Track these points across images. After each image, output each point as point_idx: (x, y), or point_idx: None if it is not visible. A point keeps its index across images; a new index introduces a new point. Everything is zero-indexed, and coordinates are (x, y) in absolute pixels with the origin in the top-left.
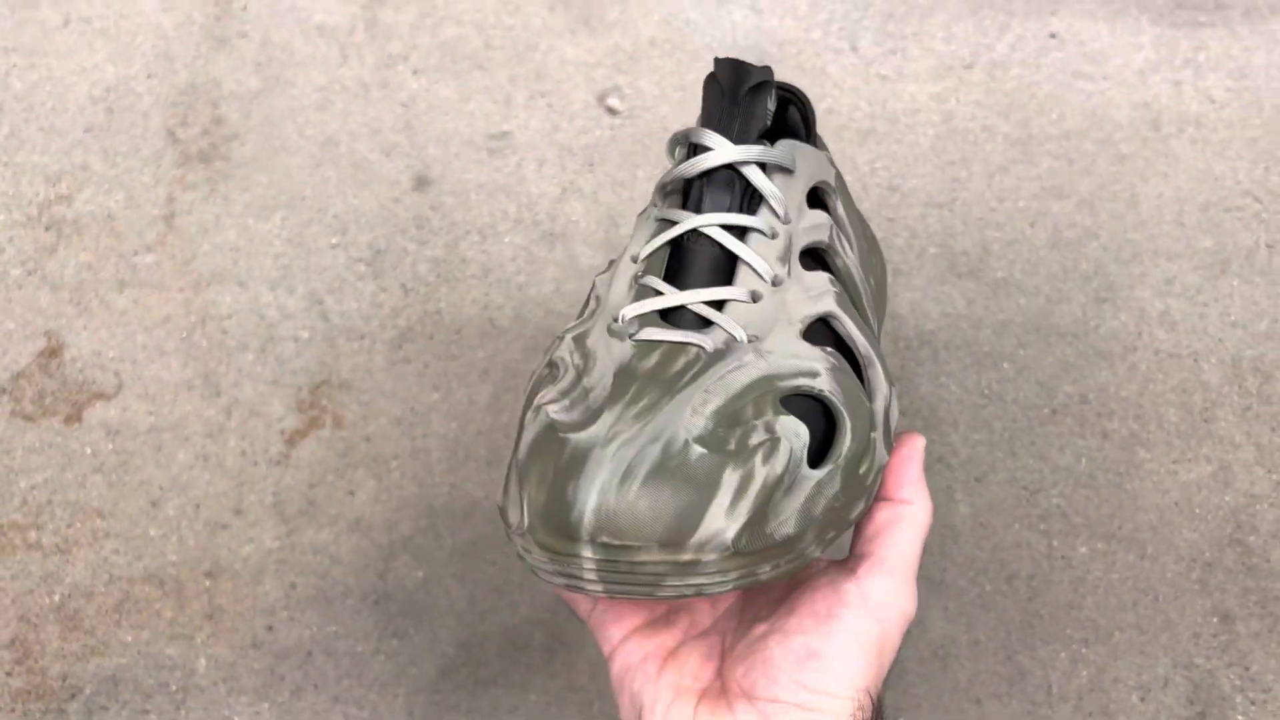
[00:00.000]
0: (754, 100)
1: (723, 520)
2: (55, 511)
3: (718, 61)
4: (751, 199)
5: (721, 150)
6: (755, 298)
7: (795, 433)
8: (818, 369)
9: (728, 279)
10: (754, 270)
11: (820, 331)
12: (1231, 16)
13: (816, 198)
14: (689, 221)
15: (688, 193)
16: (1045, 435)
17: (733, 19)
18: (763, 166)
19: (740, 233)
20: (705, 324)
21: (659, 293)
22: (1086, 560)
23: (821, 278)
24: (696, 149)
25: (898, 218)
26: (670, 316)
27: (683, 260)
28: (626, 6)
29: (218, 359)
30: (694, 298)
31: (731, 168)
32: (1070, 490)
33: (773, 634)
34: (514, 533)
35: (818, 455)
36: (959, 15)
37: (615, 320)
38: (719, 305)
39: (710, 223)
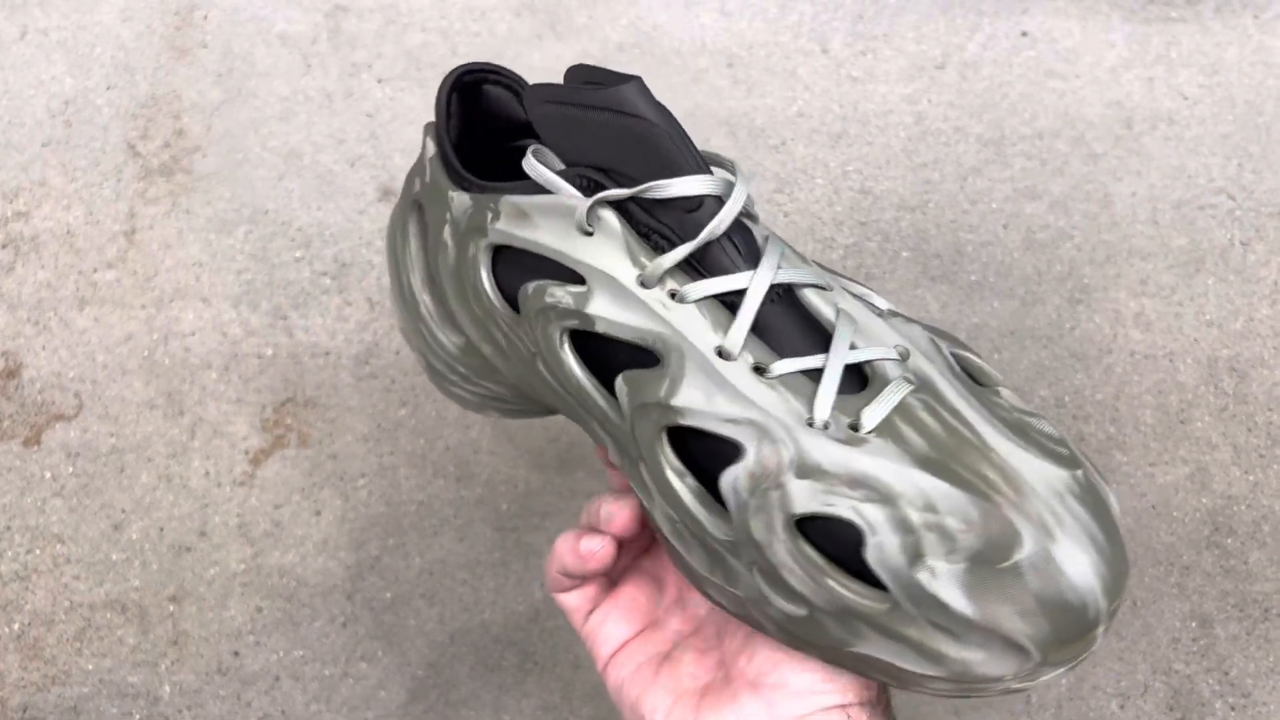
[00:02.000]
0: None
1: None
2: (14, 537)
3: (624, 85)
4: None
5: (738, 192)
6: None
7: None
8: None
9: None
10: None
11: None
12: (1203, 11)
13: None
14: (763, 278)
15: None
16: None
17: (701, 22)
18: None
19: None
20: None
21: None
22: None
23: None
24: (694, 201)
25: (870, 221)
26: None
27: (788, 325)
28: (594, 11)
29: (180, 378)
30: (879, 354)
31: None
32: None
33: None
34: (1006, 684)
35: None
36: (929, 15)
37: (826, 425)
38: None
39: (798, 279)
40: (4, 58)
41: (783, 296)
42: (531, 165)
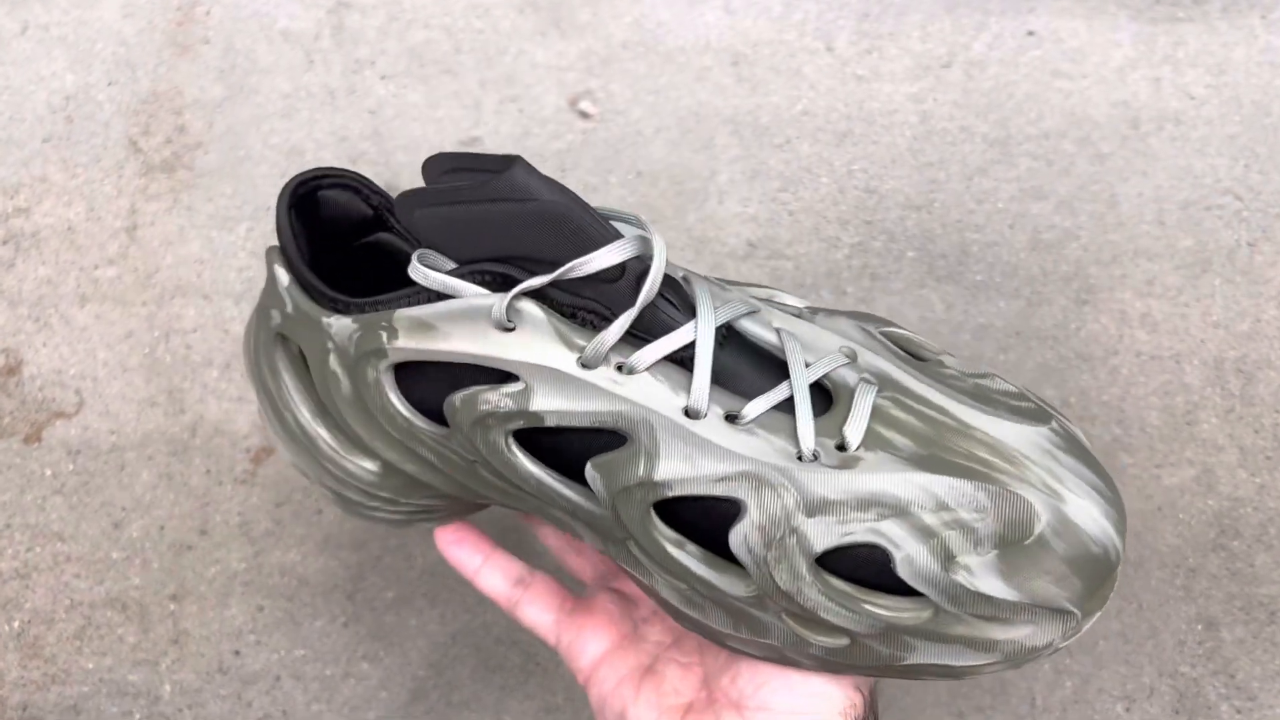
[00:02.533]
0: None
1: None
2: (14, 535)
3: (511, 170)
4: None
5: (658, 247)
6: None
7: None
8: None
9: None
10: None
11: None
12: (1210, 11)
13: None
14: (708, 322)
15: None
16: None
17: (705, 20)
18: None
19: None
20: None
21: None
22: None
23: None
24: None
25: (875, 220)
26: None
27: (740, 364)
28: (598, 9)
29: (182, 375)
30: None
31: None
32: None
33: None
34: (1055, 646)
35: None
36: (935, 14)
37: (815, 455)
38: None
39: (734, 314)
40: (5, 53)
41: (727, 336)
42: (423, 274)
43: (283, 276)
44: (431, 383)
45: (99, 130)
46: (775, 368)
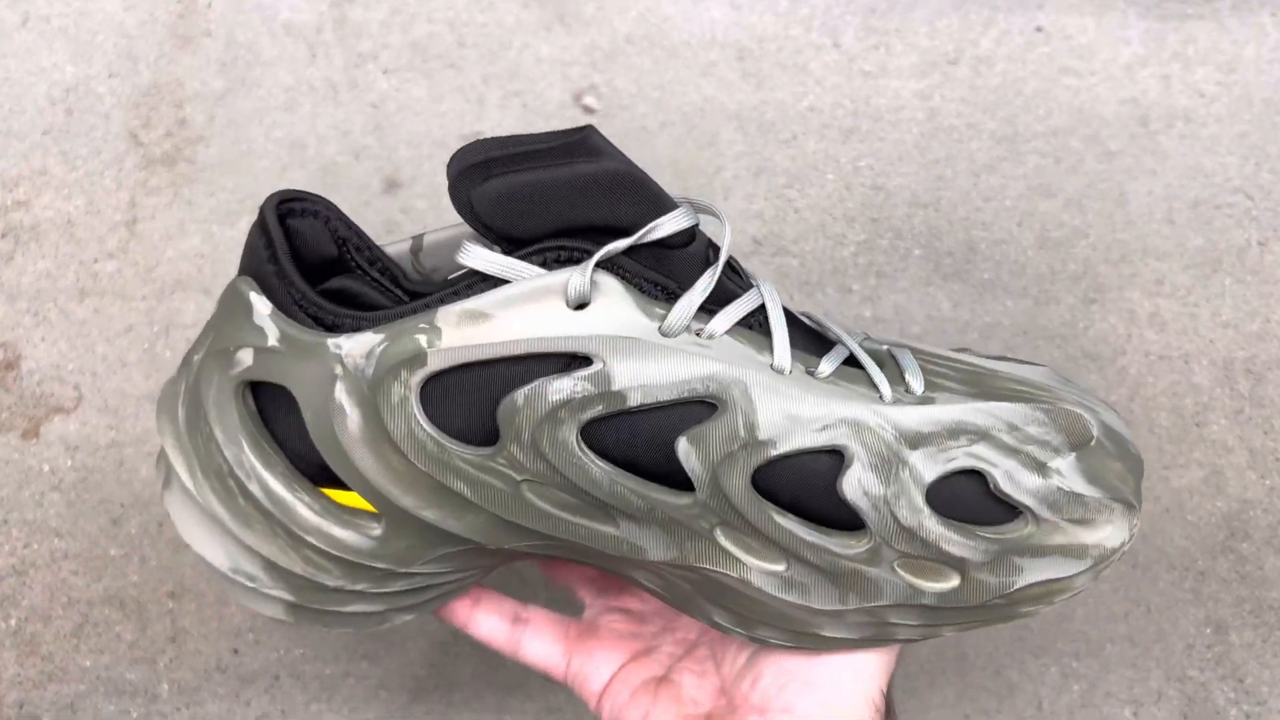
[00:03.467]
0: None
1: None
2: (11, 531)
3: (586, 129)
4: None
5: (723, 216)
6: None
7: None
8: None
9: None
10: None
11: None
12: (1220, 8)
13: None
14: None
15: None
16: None
17: (711, 15)
18: None
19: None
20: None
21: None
22: None
23: None
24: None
25: (881, 218)
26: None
27: (790, 327)
28: (602, 2)
29: None
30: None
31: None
32: None
33: None
34: (1124, 547)
35: None
36: (943, 9)
37: (896, 400)
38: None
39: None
40: (5, 44)
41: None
42: (485, 257)
43: (261, 305)
44: (466, 397)
45: (99, 123)
46: (810, 332)
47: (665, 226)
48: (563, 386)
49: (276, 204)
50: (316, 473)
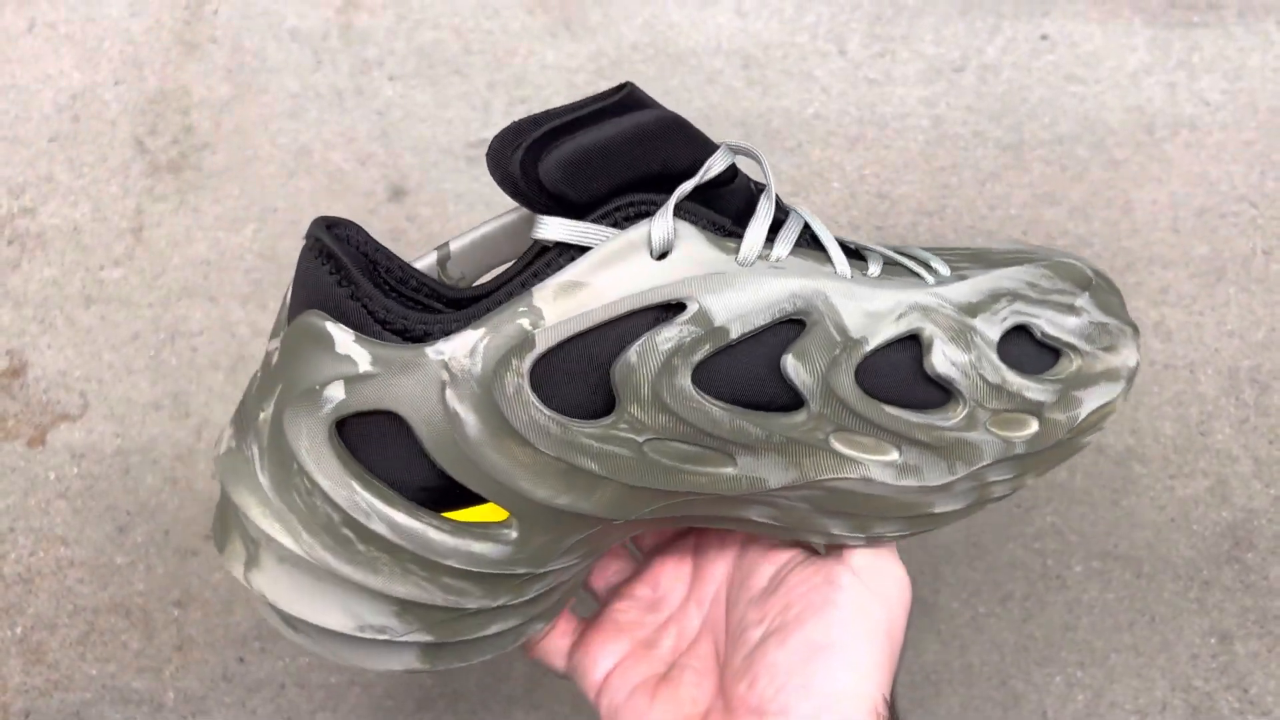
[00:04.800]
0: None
1: None
2: (18, 539)
3: (628, 85)
4: None
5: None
6: None
7: None
8: None
9: None
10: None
11: None
12: (1225, 17)
13: None
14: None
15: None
16: None
17: (717, 22)
18: None
19: None
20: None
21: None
22: (1082, 580)
23: None
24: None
25: (887, 226)
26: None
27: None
28: (608, 10)
29: (187, 378)
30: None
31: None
32: (1065, 507)
33: (770, 636)
34: (1139, 366)
35: None
36: (948, 17)
37: (938, 281)
38: None
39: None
40: (11, 51)
41: None
42: (565, 226)
43: (342, 334)
44: (571, 373)
45: (105, 130)
46: (846, 249)
47: (717, 165)
48: (670, 335)
49: (329, 224)
50: (423, 498)
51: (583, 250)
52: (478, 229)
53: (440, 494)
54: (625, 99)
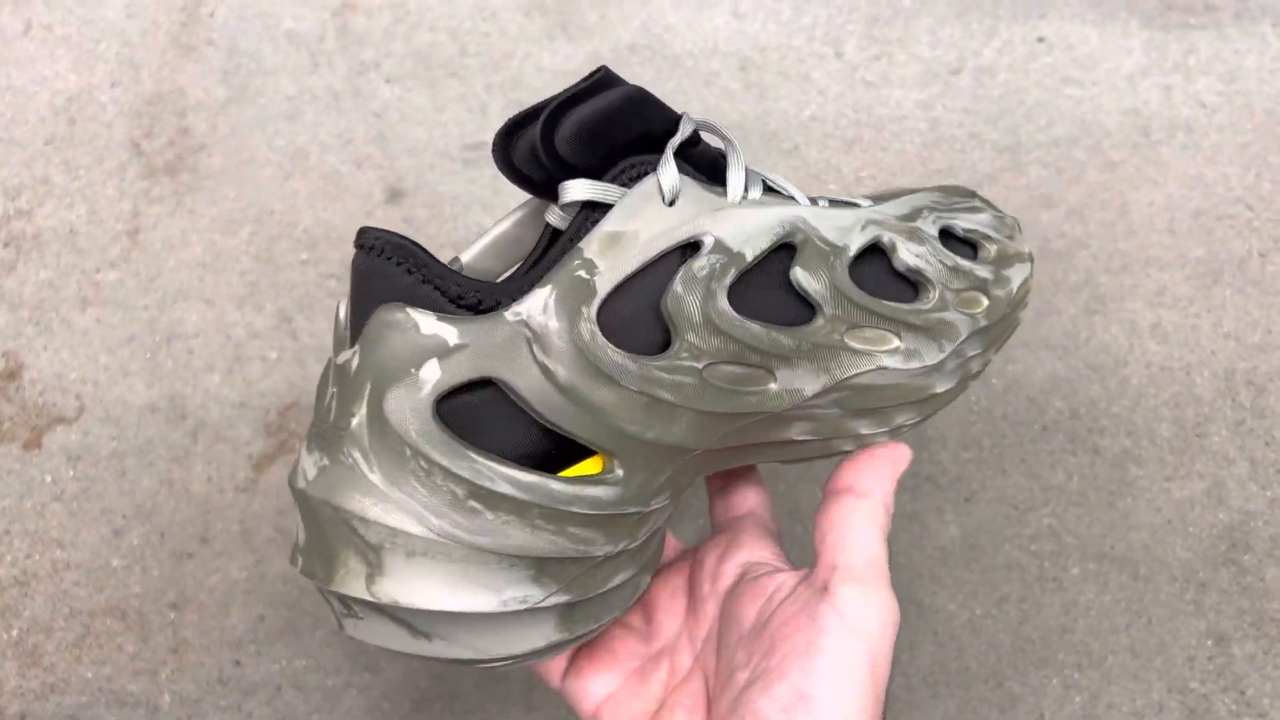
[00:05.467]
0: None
1: None
2: (13, 542)
3: (601, 68)
4: None
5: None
6: None
7: None
8: None
9: None
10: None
11: None
12: (1221, 19)
13: None
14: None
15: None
16: (1036, 452)
17: (714, 24)
18: None
19: None
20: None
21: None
22: (1078, 581)
23: None
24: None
25: None
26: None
27: None
28: (605, 12)
29: (183, 380)
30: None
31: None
32: (1062, 509)
33: (755, 682)
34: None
35: None
36: (945, 19)
37: (867, 203)
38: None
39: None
40: (7, 53)
41: None
42: (588, 187)
43: (424, 316)
44: (625, 316)
45: (101, 132)
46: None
47: (688, 126)
48: (702, 264)
49: (361, 234)
50: (525, 462)
51: (605, 209)
52: (484, 235)
53: (538, 459)
54: (603, 79)
